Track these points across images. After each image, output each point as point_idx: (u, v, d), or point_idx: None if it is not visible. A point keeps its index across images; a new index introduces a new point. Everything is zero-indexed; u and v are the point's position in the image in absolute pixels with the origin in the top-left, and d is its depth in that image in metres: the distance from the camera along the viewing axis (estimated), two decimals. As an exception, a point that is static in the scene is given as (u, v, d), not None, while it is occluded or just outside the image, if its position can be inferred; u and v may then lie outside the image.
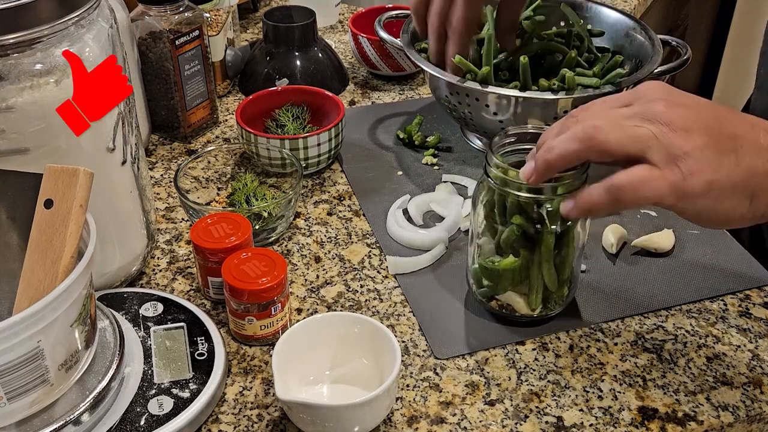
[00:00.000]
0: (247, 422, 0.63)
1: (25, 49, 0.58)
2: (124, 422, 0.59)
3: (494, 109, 0.85)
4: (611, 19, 0.97)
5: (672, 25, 2.04)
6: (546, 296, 0.69)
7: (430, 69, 0.87)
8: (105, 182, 0.67)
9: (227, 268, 0.67)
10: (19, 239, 0.61)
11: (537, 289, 0.68)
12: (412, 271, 0.78)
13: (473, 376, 0.67)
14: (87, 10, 0.61)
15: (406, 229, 0.82)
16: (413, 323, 0.72)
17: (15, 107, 0.59)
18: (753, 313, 0.74)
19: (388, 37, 0.96)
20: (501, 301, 0.71)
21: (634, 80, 0.85)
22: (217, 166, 0.88)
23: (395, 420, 0.63)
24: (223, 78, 1.08)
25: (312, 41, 1.07)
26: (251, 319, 0.67)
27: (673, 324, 0.72)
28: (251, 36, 1.27)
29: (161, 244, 0.82)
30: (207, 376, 0.63)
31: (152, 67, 0.93)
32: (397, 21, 1.05)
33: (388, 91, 1.11)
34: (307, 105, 0.96)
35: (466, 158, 0.95)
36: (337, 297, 0.75)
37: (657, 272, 0.78)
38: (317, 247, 0.81)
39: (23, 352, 0.51)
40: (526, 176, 0.61)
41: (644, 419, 0.63)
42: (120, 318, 0.66)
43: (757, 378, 0.67)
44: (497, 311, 0.71)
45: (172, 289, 0.76)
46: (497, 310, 0.71)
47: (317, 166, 0.91)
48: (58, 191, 0.56)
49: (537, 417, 0.63)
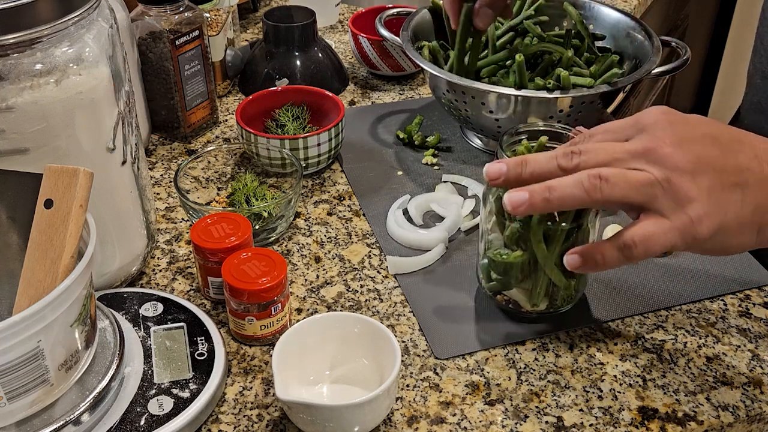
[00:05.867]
0: (247, 422, 0.63)
1: (25, 49, 0.58)
2: (124, 422, 0.59)
3: (493, 108, 0.85)
4: (612, 19, 0.97)
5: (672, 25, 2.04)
6: (553, 293, 0.69)
7: (430, 68, 0.87)
8: (105, 182, 0.67)
9: (227, 268, 0.67)
10: (19, 239, 0.61)
11: (541, 285, 0.68)
12: (412, 271, 0.78)
13: (473, 376, 0.67)
14: (87, 10, 0.61)
15: (406, 229, 0.82)
16: (413, 323, 0.72)
17: (15, 107, 0.59)
18: (753, 313, 0.74)
19: (388, 35, 0.96)
20: (507, 296, 0.71)
21: (631, 80, 0.85)
22: (217, 166, 0.88)
23: (395, 420, 0.63)
24: (223, 78, 1.08)
25: (312, 41, 1.07)
26: (251, 319, 0.67)
27: (673, 324, 0.73)
28: (251, 36, 1.27)
29: (161, 244, 0.82)
30: (207, 376, 0.63)
31: (152, 67, 0.93)
32: (397, 20, 1.05)
33: (388, 91, 1.11)
34: (307, 105, 0.97)
35: (466, 158, 0.95)
36: (337, 297, 0.75)
37: (657, 272, 0.78)
38: (317, 247, 0.81)
39: (23, 352, 0.51)
40: (514, 205, 0.58)
41: (644, 419, 0.63)
42: (120, 318, 0.66)
43: (757, 378, 0.67)
44: (503, 306, 0.72)
45: (172, 289, 0.76)
46: (503, 305, 0.72)
47: (317, 166, 0.91)
48: (58, 191, 0.56)
49: (537, 417, 0.63)
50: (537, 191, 0.57)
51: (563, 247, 0.65)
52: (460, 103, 0.88)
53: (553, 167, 0.59)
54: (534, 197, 0.57)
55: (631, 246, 0.57)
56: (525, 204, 0.57)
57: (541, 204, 0.57)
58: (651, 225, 0.56)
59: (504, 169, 0.60)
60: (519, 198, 0.58)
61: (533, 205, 0.57)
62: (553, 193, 0.57)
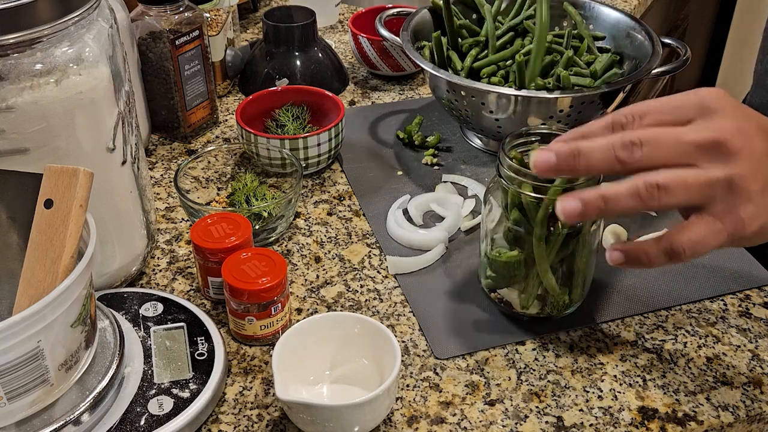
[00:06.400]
0: (247, 422, 0.63)
1: (25, 49, 0.58)
2: (124, 422, 0.59)
3: (493, 108, 0.85)
4: (612, 19, 0.97)
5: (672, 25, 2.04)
6: (544, 298, 0.69)
7: (430, 68, 0.88)
8: (105, 182, 0.67)
9: (227, 268, 0.67)
10: (19, 239, 0.61)
11: (531, 288, 0.68)
12: (412, 271, 0.78)
13: (473, 376, 0.67)
14: (87, 10, 0.61)
15: (406, 229, 0.82)
16: (413, 323, 0.72)
17: (15, 107, 0.59)
18: (753, 313, 0.74)
19: (388, 35, 0.96)
20: (500, 294, 0.71)
21: (631, 80, 0.85)
22: (217, 166, 0.88)
23: (395, 420, 0.63)
24: (223, 78, 1.08)
25: (312, 41, 1.07)
26: (251, 319, 0.67)
27: (673, 324, 0.72)
28: (251, 36, 1.27)
29: (161, 244, 0.82)
30: (207, 376, 0.63)
31: (152, 67, 0.93)
32: (397, 19, 1.05)
33: (388, 91, 1.11)
34: (307, 105, 0.97)
35: (466, 158, 0.95)
36: (337, 297, 0.75)
37: (657, 272, 0.78)
38: (317, 247, 0.81)
39: (23, 352, 0.51)
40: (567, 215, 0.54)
41: (644, 419, 0.63)
42: (120, 318, 0.66)
43: (757, 378, 0.67)
44: (496, 304, 0.72)
45: (172, 289, 0.76)
46: (496, 303, 0.72)
47: (317, 166, 0.91)
48: (58, 191, 0.56)
49: (537, 417, 0.63)
50: (592, 202, 0.54)
51: (561, 254, 0.65)
52: (460, 103, 0.88)
53: (610, 159, 0.53)
54: (588, 209, 0.54)
55: (680, 252, 0.54)
56: (579, 214, 0.54)
57: (595, 214, 0.54)
58: (703, 228, 0.54)
59: (553, 160, 0.55)
60: (572, 208, 0.54)
61: (587, 215, 0.54)
62: (608, 204, 0.54)
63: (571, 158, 0.54)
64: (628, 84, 0.85)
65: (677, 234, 0.55)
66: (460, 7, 1.00)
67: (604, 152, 0.54)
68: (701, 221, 0.54)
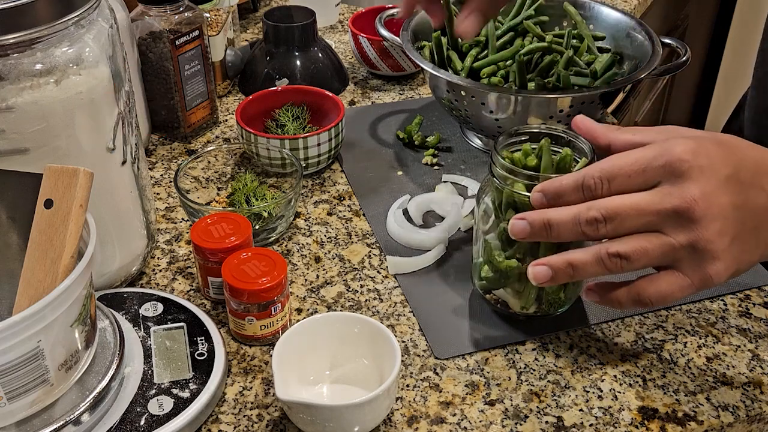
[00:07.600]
0: (247, 422, 0.63)
1: (25, 49, 0.58)
2: (124, 422, 0.59)
3: (493, 108, 0.85)
4: (612, 19, 0.97)
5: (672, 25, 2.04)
6: (541, 296, 0.69)
7: (430, 68, 0.88)
8: (105, 182, 0.67)
9: (227, 268, 0.67)
10: (19, 239, 0.61)
11: (528, 288, 0.68)
12: (412, 271, 0.78)
13: (473, 376, 0.67)
14: (87, 10, 0.61)
15: (406, 229, 0.82)
16: (413, 323, 0.72)
17: (15, 107, 0.59)
18: (753, 313, 0.74)
19: (388, 35, 0.96)
20: (496, 295, 0.71)
21: (631, 80, 0.85)
22: (217, 166, 0.88)
23: (395, 420, 0.63)
24: (223, 78, 1.08)
25: (312, 41, 1.07)
26: (251, 319, 0.67)
27: (673, 324, 0.72)
28: (251, 36, 1.27)
29: (161, 244, 0.82)
30: (207, 376, 0.63)
31: (152, 67, 0.93)
32: (397, 20, 1.05)
33: (388, 91, 1.11)
34: (307, 105, 0.97)
35: (466, 158, 0.95)
36: (337, 297, 0.75)
37: (657, 272, 0.78)
38: (317, 247, 0.81)
39: (23, 352, 0.51)
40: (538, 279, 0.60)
41: (644, 419, 0.63)
42: (120, 318, 0.66)
43: (757, 378, 0.67)
44: (492, 305, 0.72)
45: (172, 289, 0.76)
46: (492, 304, 0.72)
47: (317, 166, 0.91)
48: (58, 191, 0.56)
49: (537, 417, 0.63)
50: (561, 269, 0.59)
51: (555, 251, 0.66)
52: (460, 103, 0.88)
53: (578, 233, 0.58)
54: (558, 275, 0.60)
55: (647, 303, 0.59)
56: (549, 280, 0.60)
57: (565, 280, 0.60)
58: (670, 283, 0.58)
59: (528, 229, 0.60)
60: (543, 274, 0.60)
61: (557, 281, 0.60)
62: (576, 271, 0.59)
63: (543, 230, 0.60)
64: (628, 84, 0.85)
65: (646, 286, 0.59)
66: (460, 7, 1.00)
67: (571, 227, 0.58)
68: (669, 277, 0.58)
